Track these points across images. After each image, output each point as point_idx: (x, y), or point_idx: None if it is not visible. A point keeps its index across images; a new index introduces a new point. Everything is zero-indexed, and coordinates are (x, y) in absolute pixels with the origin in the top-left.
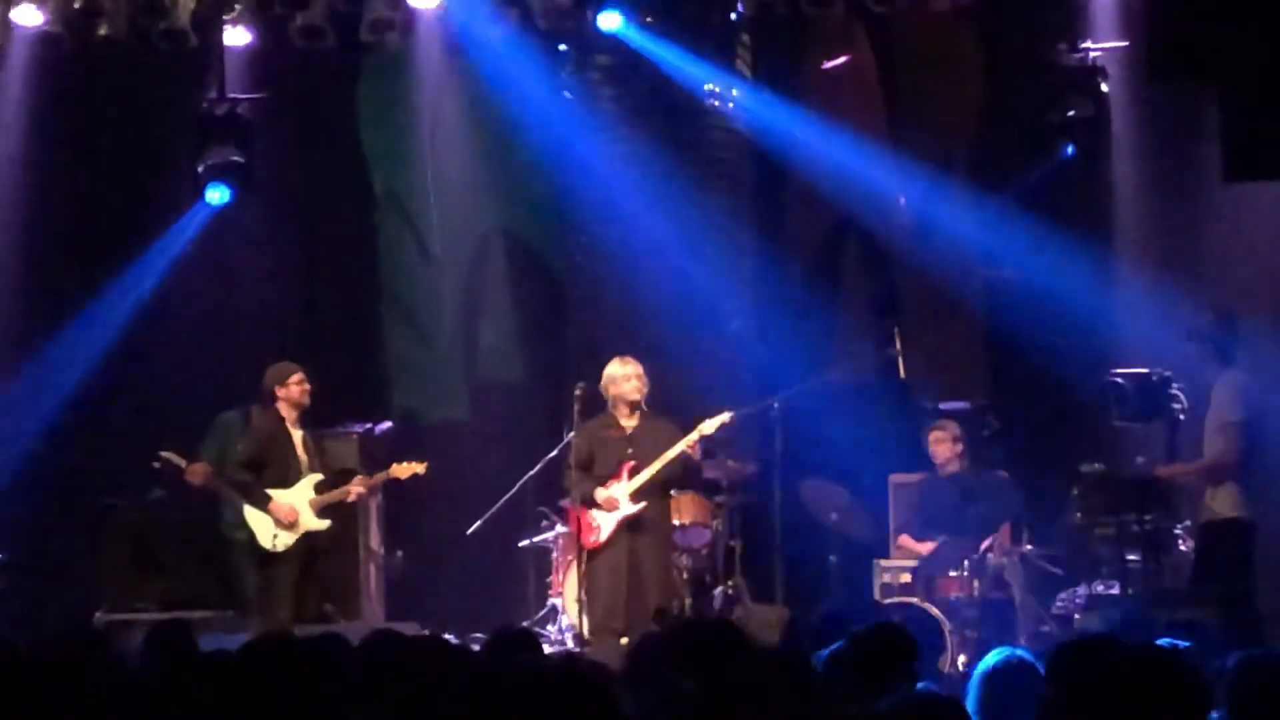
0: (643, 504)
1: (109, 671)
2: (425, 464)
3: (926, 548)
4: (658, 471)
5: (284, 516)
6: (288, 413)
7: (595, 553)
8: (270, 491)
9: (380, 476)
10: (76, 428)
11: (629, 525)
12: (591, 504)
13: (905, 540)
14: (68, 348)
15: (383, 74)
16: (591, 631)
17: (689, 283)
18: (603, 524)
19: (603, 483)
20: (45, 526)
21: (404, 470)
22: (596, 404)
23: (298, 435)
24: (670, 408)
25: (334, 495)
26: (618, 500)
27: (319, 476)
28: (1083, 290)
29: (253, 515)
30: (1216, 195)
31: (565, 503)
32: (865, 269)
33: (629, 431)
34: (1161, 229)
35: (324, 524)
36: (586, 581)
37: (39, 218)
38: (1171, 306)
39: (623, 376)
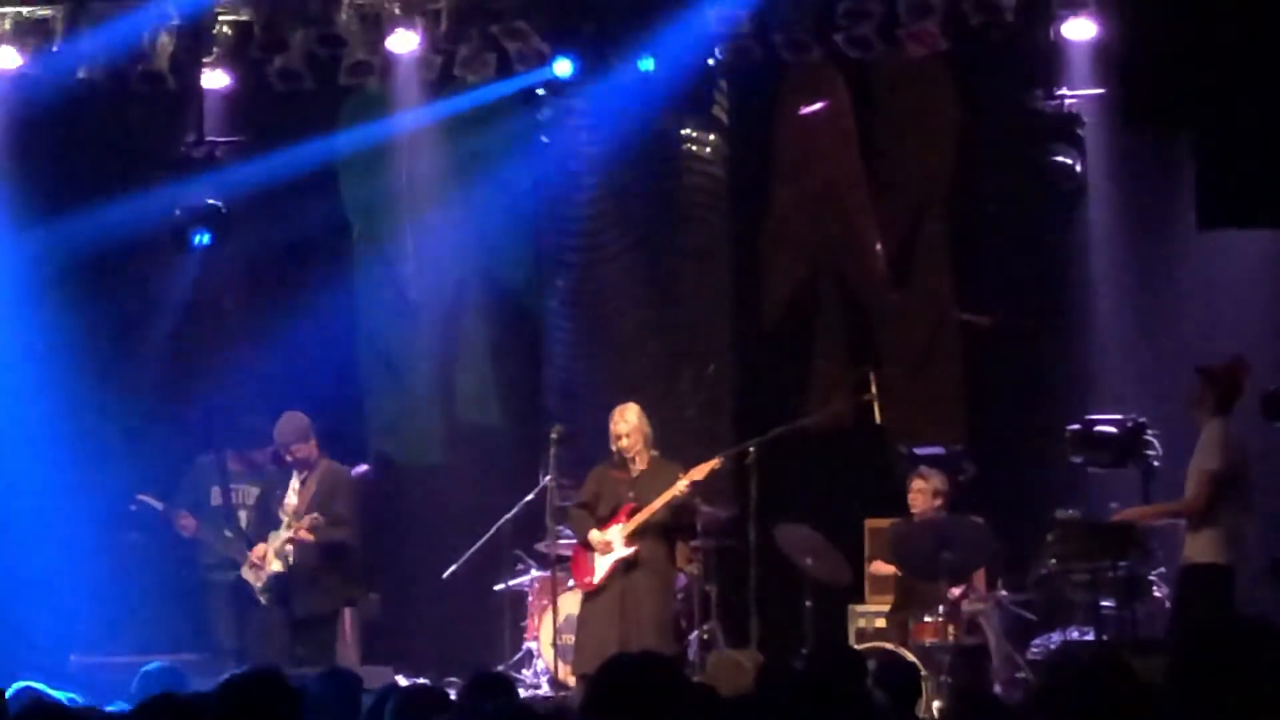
0: (636, 547)
1: None
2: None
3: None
4: (651, 515)
5: (254, 558)
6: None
7: (591, 595)
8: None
9: (309, 519)
10: (52, 470)
11: (625, 569)
12: (587, 545)
13: (878, 565)
14: (43, 389)
15: (361, 117)
16: (579, 676)
17: (665, 327)
18: (598, 566)
19: (603, 524)
20: (21, 569)
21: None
22: (573, 448)
23: (296, 476)
24: None
25: (287, 539)
26: (611, 543)
27: (290, 519)
28: (1059, 335)
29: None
30: (1191, 241)
31: (541, 546)
32: (841, 313)
33: (634, 475)
34: (1136, 275)
35: (280, 569)
36: (580, 624)
37: (16, 260)
38: (1146, 352)
39: (611, 430)
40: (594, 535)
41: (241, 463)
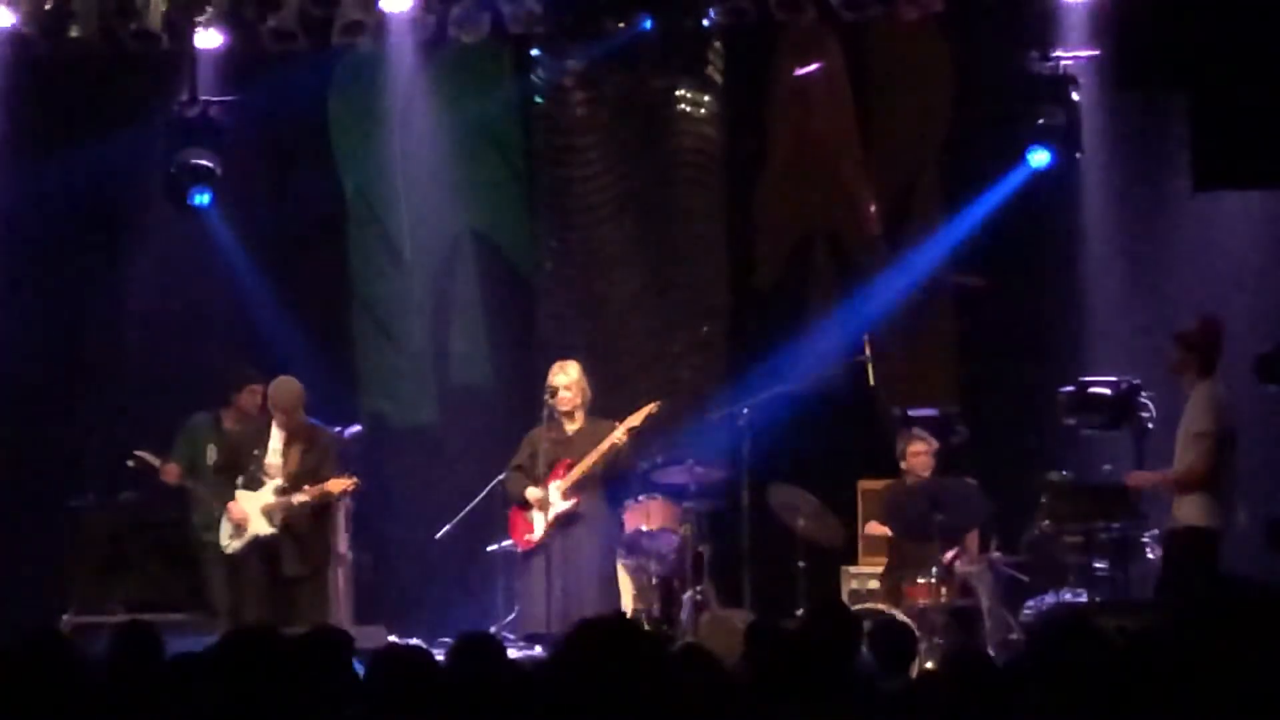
0: (574, 500)
1: (72, 674)
2: (355, 480)
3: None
4: (590, 466)
5: (233, 519)
6: (273, 415)
7: (532, 553)
8: (238, 492)
9: (318, 489)
10: (45, 428)
11: (564, 525)
12: (524, 503)
13: (873, 526)
14: (38, 347)
15: (354, 77)
16: (525, 637)
17: (659, 288)
18: (537, 523)
19: (539, 482)
20: (12, 528)
21: (338, 486)
22: None
23: (278, 437)
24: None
25: (280, 502)
26: (549, 498)
27: (279, 482)
28: (1052, 297)
29: (224, 518)
30: (1185, 203)
31: None
32: (835, 274)
33: (569, 434)
34: (1131, 237)
35: (268, 530)
36: (519, 586)
37: (8, 218)
38: (1140, 314)
39: (548, 388)
40: (531, 492)
41: (235, 420)
